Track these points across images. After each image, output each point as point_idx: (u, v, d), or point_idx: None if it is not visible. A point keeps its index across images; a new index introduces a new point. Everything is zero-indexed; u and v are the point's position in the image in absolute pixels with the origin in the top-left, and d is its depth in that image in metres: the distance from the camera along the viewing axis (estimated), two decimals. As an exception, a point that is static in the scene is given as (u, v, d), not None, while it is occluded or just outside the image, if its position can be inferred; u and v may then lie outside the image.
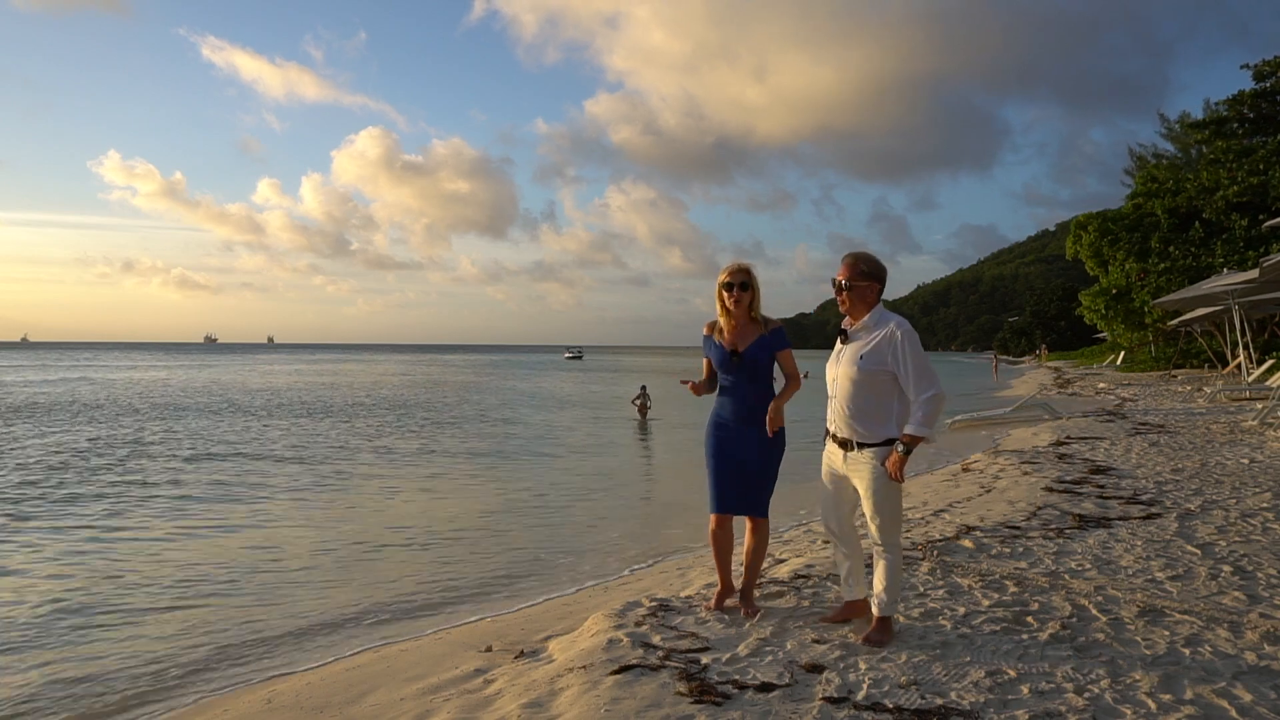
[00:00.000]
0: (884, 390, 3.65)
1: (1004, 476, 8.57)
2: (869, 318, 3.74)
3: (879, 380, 3.64)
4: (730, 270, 4.09)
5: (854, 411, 3.68)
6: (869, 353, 3.66)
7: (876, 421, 3.65)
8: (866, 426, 3.66)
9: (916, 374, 3.56)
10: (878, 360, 3.63)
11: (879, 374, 3.63)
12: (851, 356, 3.71)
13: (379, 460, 15.10)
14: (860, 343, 3.72)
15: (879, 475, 3.63)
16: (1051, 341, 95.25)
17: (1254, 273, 16.42)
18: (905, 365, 3.58)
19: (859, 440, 3.68)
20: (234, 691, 4.40)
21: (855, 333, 3.76)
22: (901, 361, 3.58)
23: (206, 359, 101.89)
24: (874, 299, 3.76)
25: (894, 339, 3.61)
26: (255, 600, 6.61)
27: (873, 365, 3.63)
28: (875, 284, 3.76)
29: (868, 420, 3.66)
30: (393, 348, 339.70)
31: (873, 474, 3.65)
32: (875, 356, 3.64)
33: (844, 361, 3.74)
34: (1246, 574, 4.75)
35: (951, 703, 3.09)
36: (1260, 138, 33.24)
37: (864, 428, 3.67)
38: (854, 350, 3.72)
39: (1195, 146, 40.98)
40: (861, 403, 3.67)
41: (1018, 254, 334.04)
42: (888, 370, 3.62)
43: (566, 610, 5.04)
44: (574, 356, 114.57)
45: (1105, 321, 39.39)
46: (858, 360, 3.67)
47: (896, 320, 3.68)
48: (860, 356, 3.67)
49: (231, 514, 9.94)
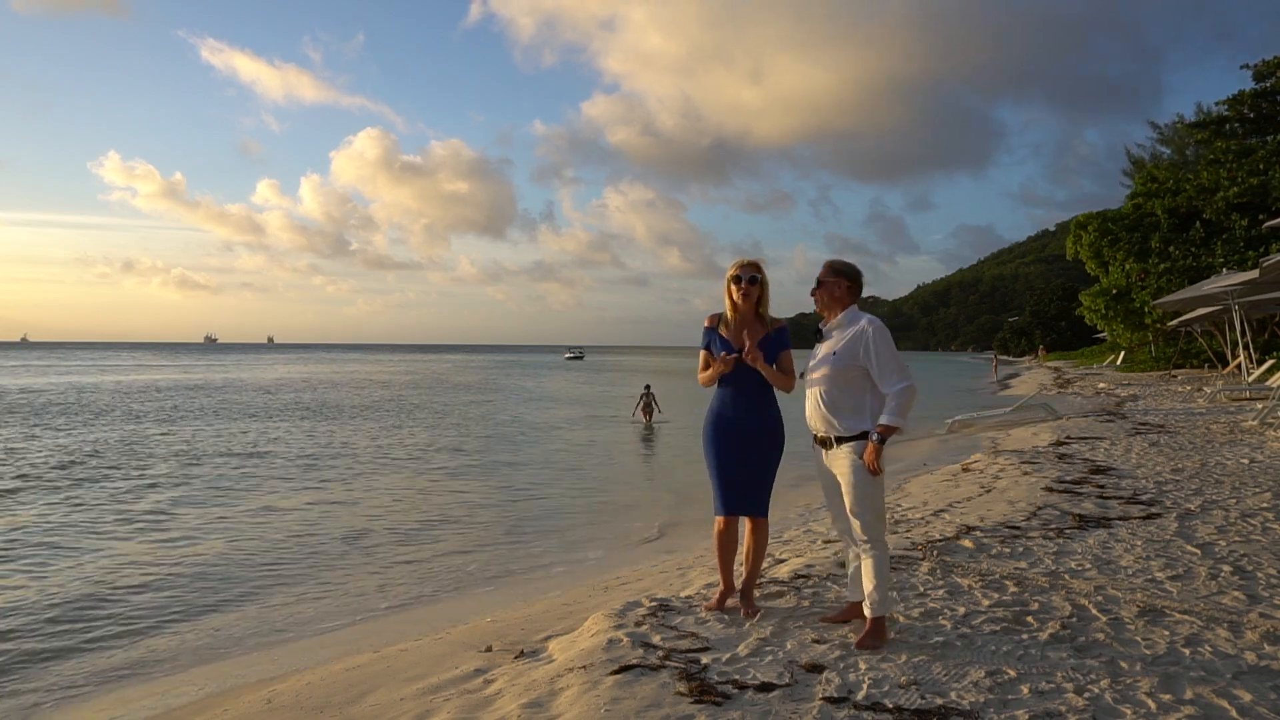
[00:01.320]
0: (857, 385, 3.74)
1: (1004, 476, 8.57)
2: (842, 316, 3.85)
3: (851, 375, 3.73)
4: (741, 264, 4.13)
5: (830, 407, 3.76)
6: (842, 349, 3.75)
7: (852, 416, 3.73)
8: (842, 421, 3.74)
9: (888, 367, 3.67)
10: (850, 356, 3.73)
11: (851, 369, 3.73)
12: (826, 354, 3.80)
13: (382, 459, 15.10)
14: (834, 340, 3.82)
15: (858, 468, 3.68)
16: (1051, 341, 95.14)
17: (1254, 273, 16.41)
18: (877, 359, 3.68)
19: (836, 435, 3.76)
20: (234, 691, 4.41)
21: (829, 330, 3.87)
22: (873, 356, 3.68)
23: (218, 358, 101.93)
24: (845, 296, 3.87)
25: (865, 334, 3.72)
26: (255, 600, 6.62)
27: (845, 361, 3.73)
28: (844, 280, 3.87)
29: (843, 415, 3.74)
30: (393, 347, 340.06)
31: (851, 467, 3.70)
32: (848, 352, 3.73)
33: (820, 359, 3.83)
34: (1246, 574, 4.75)
35: (951, 703, 3.09)
36: (1260, 137, 33.22)
37: (840, 422, 3.74)
38: (828, 347, 3.82)
39: (1191, 147, 40.96)
40: (836, 397, 3.75)
41: (1018, 254, 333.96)
42: (859, 365, 3.72)
43: (566, 610, 5.03)
44: (575, 357, 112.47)
45: (1105, 321, 39.37)
46: (831, 356, 3.77)
47: (868, 318, 3.78)
48: (834, 353, 3.77)
49: (231, 513, 9.94)
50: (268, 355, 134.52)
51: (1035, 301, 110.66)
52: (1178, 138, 43.85)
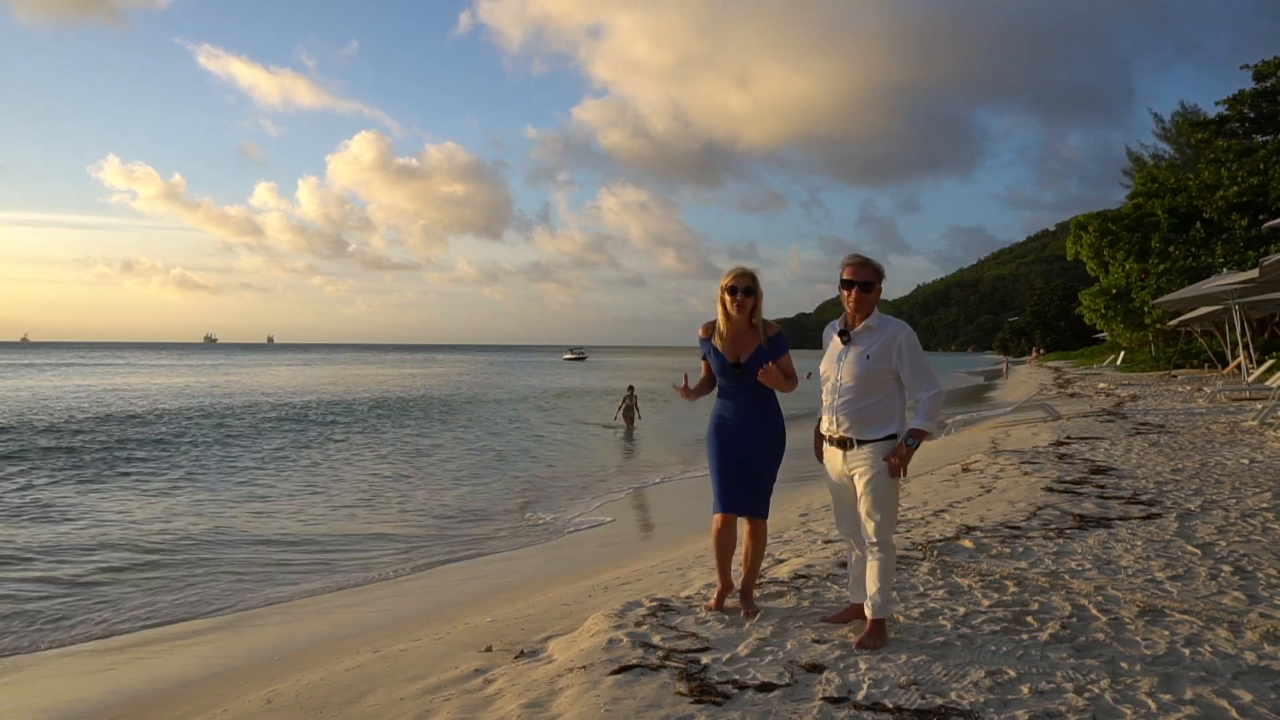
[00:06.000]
0: (887, 389, 3.76)
1: (1004, 476, 8.57)
2: (872, 319, 3.84)
3: (882, 379, 3.75)
4: (735, 274, 4.08)
5: (857, 409, 3.76)
6: (876, 352, 3.75)
7: (878, 419, 3.74)
8: (868, 423, 3.74)
9: (919, 373, 3.72)
10: (883, 359, 3.74)
11: (883, 372, 3.74)
12: (857, 356, 3.78)
13: (389, 460, 15.10)
14: (865, 344, 3.79)
15: (879, 471, 3.69)
16: (1051, 341, 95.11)
17: (1254, 273, 16.38)
18: (910, 365, 3.72)
19: (859, 437, 3.75)
20: (234, 691, 4.40)
21: (859, 334, 3.83)
22: (906, 361, 3.72)
23: (224, 358, 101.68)
24: (877, 299, 3.87)
25: (898, 340, 3.74)
26: (254, 601, 6.61)
27: (879, 364, 3.74)
28: (880, 287, 3.88)
29: (870, 417, 3.74)
30: (394, 347, 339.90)
31: (873, 469, 3.70)
32: (881, 356, 3.74)
33: (849, 361, 3.80)
34: (1246, 574, 4.75)
35: (951, 703, 3.09)
36: (1260, 137, 33.18)
37: (866, 425, 3.75)
38: (860, 350, 3.79)
39: (1189, 147, 40.89)
40: (866, 400, 3.75)
41: (1018, 254, 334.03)
42: (891, 369, 3.74)
43: (566, 610, 5.03)
44: (576, 358, 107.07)
45: (1105, 321, 39.35)
46: (864, 359, 3.75)
47: (898, 324, 3.81)
48: (866, 356, 3.76)
49: (225, 514, 9.94)
50: (270, 355, 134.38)
51: (1035, 301, 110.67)
52: (1177, 135, 43.77)
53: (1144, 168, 44.75)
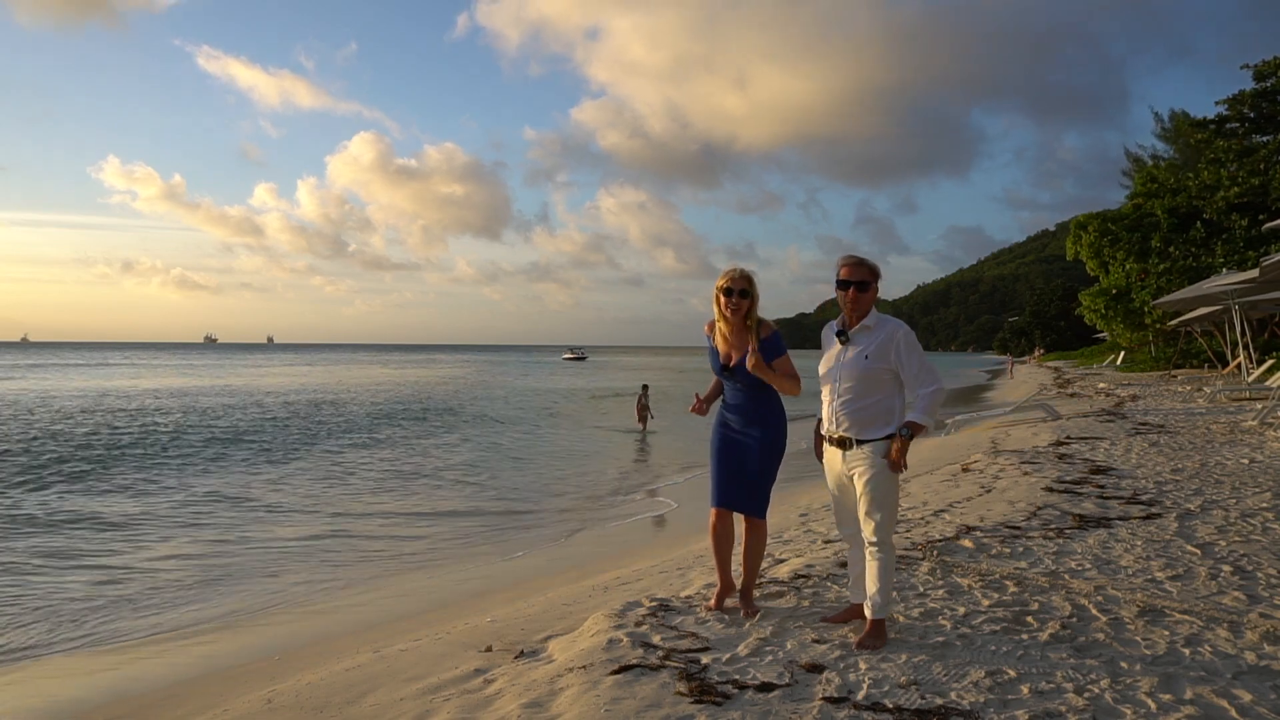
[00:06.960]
0: (886, 388, 3.76)
1: (1004, 476, 8.57)
2: (870, 318, 3.83)
3: (881, 378, 3.75)
4: (730, 276, 4.05)
5: (857, 408, 3.76)
6: (874, 352, 3.75)
7: (878, 418, 3.74)
8: (868, 423, 3.74)
9: (920, 371, 3.72)
10: (882, 358, 3.74)
11: (882, 372, 3.74)
12: (856, 356, 3.79)
13: (389, 461, 15.10)
14: (864, 343, 3.79)
15: (879, 469, 3.70)
16: (1051, 341, 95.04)
17: (1254, 273, 16.38)
18: (909, 363, 3.72)
19: (858, 437, 3.75)
20: (234, 691, 4.40)
21: (856, 334, 3.83)
22: (905, 360, 3.72)
23: (227, 358, 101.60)
24: (874, 298, 3.88)
25: (896, 339, 3.74)
26: (254, 600, 6.62)
27: (877, 364, 3.74)
28: (876, 287, 3.87)
29: (869, 417, 3.74)
30: (393, 348, 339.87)
31: (873, 468, 3.70)
32: (880, 356, 3.74)
33: (847, 361, 3.80)
34: (1246, 574, 4.74)
35: (951, 703, 3.09)
36: (1260, 137, 33.17)
37: (865, 424, 3.75)
38: (858, 350, 3.79)
39: (1188, 147, 40.89)
40: (865, 400, 3.75)
41: (1018, 254, 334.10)
42: (890, 368, 3.74)
43: (566, 610, 5.03)
44: (576, 358, 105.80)
45: (1105, 321, 39.35)
46: (863, 359, 3.76)
47: (896, 323, 3.80)
48: (865, 356, 3.76)
49: (227, 512, 9.94)
50: (270, 355, 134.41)
51: (1035, 301, 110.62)
52: (1175, 134, 43.75)
53: (1143, 168, 44.74)
